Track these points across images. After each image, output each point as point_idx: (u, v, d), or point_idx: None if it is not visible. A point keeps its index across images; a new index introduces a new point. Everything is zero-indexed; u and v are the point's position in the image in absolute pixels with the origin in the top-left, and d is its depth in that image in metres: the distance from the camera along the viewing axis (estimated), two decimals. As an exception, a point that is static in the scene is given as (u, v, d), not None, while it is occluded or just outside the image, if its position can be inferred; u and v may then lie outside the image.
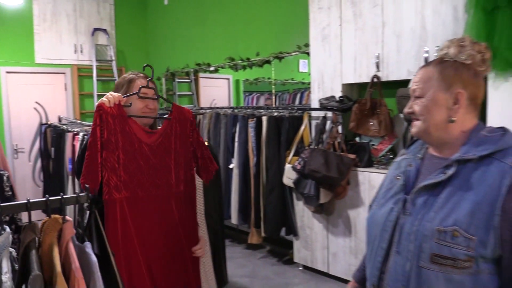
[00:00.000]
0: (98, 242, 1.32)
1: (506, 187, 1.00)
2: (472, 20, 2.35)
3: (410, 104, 1.19)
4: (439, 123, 1.13)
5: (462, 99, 1.11)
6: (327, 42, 3.37)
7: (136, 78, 1.81)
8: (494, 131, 1.11)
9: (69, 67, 5.87)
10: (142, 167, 1.66)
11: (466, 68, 1.12)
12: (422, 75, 1.16)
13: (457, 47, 1.13)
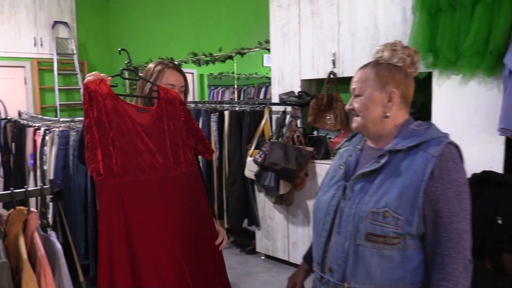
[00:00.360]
0: (61, 232, 1.39)
1: (428, 173, 1.16)
2: (418, 22, 2.52)
3: (350, 101, 1.33)
4: (376, 118, 1.28)
5: (395, 97, 1.26)
6: (286, 39, 3.49)
7: (166, 68, 1.74)
8: (421, 125, 1.26)
9: (29, 60, 5.76)
10: (139, 148, 1.52)
11: (398, 70, 1.27)
12: (361, 75, 1.30)
13: (390, 51, 1.28)
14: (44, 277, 1.18)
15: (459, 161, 1.20)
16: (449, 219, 1.14)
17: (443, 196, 1.15)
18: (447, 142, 1.20)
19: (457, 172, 1.17)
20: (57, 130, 3.10)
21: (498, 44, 2.24)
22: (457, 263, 1.13)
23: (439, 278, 1.14)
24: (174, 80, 1.73)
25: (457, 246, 1.14)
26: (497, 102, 2.34)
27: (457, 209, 1.15)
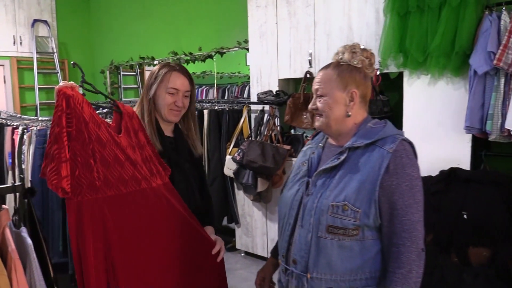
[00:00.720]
0: (32, 228, 1.42)
1: (384, 168, 1.23)
2: (389, 23, 2.60)
3: (313, 101, 1.38)
4: (339, 117, 1.34)
5: (356, 97, 1.33)
6: (264, 39, 3.55)
7: (172, 70, 1.65)
8: (377, 123, 1.34)
9: (8, 59, 5.70)
10: (120, 159, 1.41)
11: (358, 71, 1.34)
12: (322, 76, 1.36)
13: (350, 53, 1.34)
14: (15, 272, 1.21)
15: (413, 156, 1.27)
16: (404, 211, 1.22)
17: (397, 189, 1.22)
18: (401, 139, 1.27)
19: (411, 167, 1.24)
20: (35, 129, 3.11)
21: (464, 46, 2.33)
22: (411, 252, 1.21)
23: (395, 266, 1.22)
24: (178, 84, 1.63)
25: (411, 236, 1.22)
26: (464, 101, 2.43)
27: (411, 201, 1.23)
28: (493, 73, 2.26)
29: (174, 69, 1.65)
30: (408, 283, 1.20)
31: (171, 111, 1.62)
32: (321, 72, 1.38)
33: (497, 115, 2.27)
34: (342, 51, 1.36)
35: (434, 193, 2.39)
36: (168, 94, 1.60)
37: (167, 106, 1.61)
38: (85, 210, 1.31)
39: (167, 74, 1.62)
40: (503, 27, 2.22)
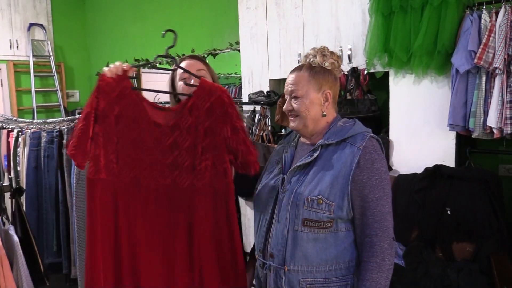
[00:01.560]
0: (21, 226, 1.47)
1: (355, 163, 1.29)
2: (374, 23, 2.64)
3: (288, 103, 1.44)
4: (315, 117, 1.41)
5: (330, 97, 1.42)
6: (255, 40, 3.59)
7: (183, 58, 1.70)
8: (347, 122, 1.41)
9: (5, 63, 5.76)
10: (149, 149, 1.35)
11: (329, 73, 1.42)
12: (297, 78, 1.42)
13: (321, 56, 1.41)
14: (2, 267, 1.26)
15: (381, 152, 1.35)
16: (374, 203, 1.28)
17: (368, 183, 1.29)
18: (370, 136, 1.35)
19: (379, 162, 1.32)
20: (29, 132, 3.16)
21: (446, 45, 2.37)
22: (383, 241, 1.27)
23: (368, 255, 1.28)
24: (184, 66, 1.63)
25: (382, 227, 1.28)
26: (448, 99, 2.47)
27: (381, 194, 1.30)
28: (475, 71, 2.31)
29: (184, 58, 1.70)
30: (382, 271, 1.26)
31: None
32: (294, 74, 1.43)
33: (480, 113, 2.32)
34: (313, 54, 1.42)
35: (419, 190, 2.43)
36: (181, 81, 1.62)
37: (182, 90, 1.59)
38: (97, 189, 1.33)
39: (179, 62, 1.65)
40: (484, 26, 2.27)
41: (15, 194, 1.48)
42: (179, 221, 1.37)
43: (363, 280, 1.26)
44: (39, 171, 3.00)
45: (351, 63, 2.93)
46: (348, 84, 2.89)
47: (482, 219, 2.26)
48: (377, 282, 1.24)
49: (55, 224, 2.93)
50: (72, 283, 2.97)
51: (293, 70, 1.45)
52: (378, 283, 1.24)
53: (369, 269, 1.26)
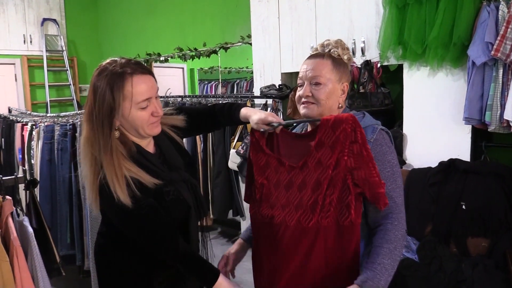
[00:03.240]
0: (36, 217, 1.48)
1: None
2: (388, 15, 2.60)
3: (307, 88, 1.35)
4: (331, 108, 1.37)
5: (346, 89, 1.39)
6: (267, 33, 3.57)
7: (130, 73, 1.23)
8: (356, 114, 1.38)
9: (19, 57, 5.83)
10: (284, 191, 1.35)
11: (346, 66, 1.39)
12: (320, 65, 1.35)
13: (341, 49, 1.38)
14: (17, 258, 1.27)
15: (391, 145, 1.34)
16: (388, 195, 1.27)
17: (380, 175, 1.26)
18: (380, 128, 1.33)
19: (390, 155, 1.31)
20: (42, 125, 3.18)
21: (462, 36, 2.33)
22: (398, 230, 1.27)
23: (382, 241, 1.26)
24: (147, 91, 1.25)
25: (398, 217, 1.28)
26: (463, 92, 2.43)
27: (394, 186, 1.29)
28: (492, 63, 2.26)
29: (129, 72, 1.23)
30: (392, 258, 1.24)
31: (152, 124, 1.30)
32: (315, 60, 1.37)
33: (496, 106, 2.27)
34: (334, 45, 1.39)
35: (433, 184, 2.40)
36: (140, 109, 1.25)
37: (145, 124, 1.27)
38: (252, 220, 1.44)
39: (126, 85, 1.22)
40: (501, 18, 2.22)
41: (29, 186, 1.49)
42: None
43: (373, 263, 1.23)
44: (53, 164, 3.03)
45: (364, 56, 2.90)
46: (361, 77, 2.86)
47: (498, 214, 2.23)
48: (386, 269, 1.22)
49: (69, 216, 2.96)
50: (85, 274, 3.01)
51: (313, 56, 1.39)
52: (387, 269, 1.22)
53: (381, 254, 1.24)
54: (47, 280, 1.41)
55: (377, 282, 1.20)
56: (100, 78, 1.22)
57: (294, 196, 1.31)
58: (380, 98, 2.85)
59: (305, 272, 1.29)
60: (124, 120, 1.26)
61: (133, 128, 1.28)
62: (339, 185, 1.24)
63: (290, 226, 1.30)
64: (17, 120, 4.07)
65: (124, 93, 1.22)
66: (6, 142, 4.35)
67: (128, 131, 1.30)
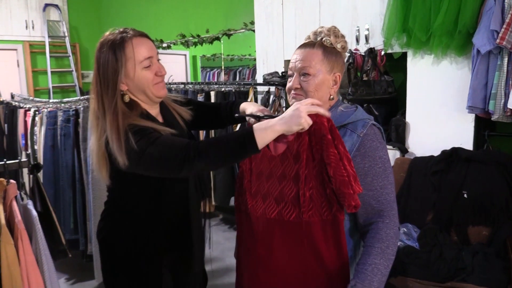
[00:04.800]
0: (40, 201, 1.50)
1: (354, 151, 1.24)
2: (393, 2, 2.57)
3: (295, 80, 1.30)
4: (321, 99, 1.29)
5: (339, 80, 1.33)
6: (270, 20, 3.55)
7: (130, 36, 1.29)
8: (348, 107, 1.34)
9: (21, 43, 5.81)
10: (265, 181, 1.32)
11: (340, 55, 1.33)
12: (309, 55, 1.28)
13: (334, 37, 1.31)
14: (21, 241, 1.28)
15: (382, 140, 1.29)
16: (379, 192, 1.24)
17: (370, 171, 1.24)
18: (371, 123, 1.28)
19: (382, 150, 1.27)
20: (45, 111, 3.19)
21: (467, 24, 2.31)
22: (390, 228, 1.23)
23: (373, 240, 1.23)
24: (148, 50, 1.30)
25: (389, 215, 1.25)
26: (467, 81, 2.42)
27: (385, 182, 1.25)
28: (497, 52, 2.24)
29: (129, 36, 1.29)
30: (385, 258, 1.21)
31: (158, 85, 1.33)
32: (305, 50, 1.30)
33: (500, 95, 2.26)
34: (326, 32, 1.31)
35: (435, 173, 2.41)
36: (144, 69, 1.29)
37: (151, 83, 1.31)
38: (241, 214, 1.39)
39: (126, 47, 1.28)
40: (507, 5, 2.19)
41: (33, 170, 1.50)
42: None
43: (364, 264, 1.20)
44: (56, 149, 3.04)
45: (368, 43, 2.88)
46: (364, 65, 2.84)
47: (499, 203, 2.23)
48: (379, 269, 1.19)
49: (72, 201, 2.98)
50: (88, 259, 3.04)
51: (303, 45, 1.32)
52: (379, 270, 1.19)
53: (372, 254, 1.21)
54: (52, 263, 1.43)
55: (368, 284, 1.17)
56: (102, 49, 1.28)
57: (275, 187, 1.27)
58: (384, 86, 2.84)
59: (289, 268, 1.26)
60: (130, 82, 1.30)
61: (140, 90, 1.31)
62: (319, 179, 1.21)
63: (271, 219, 1.27)
64: (20, 106, 4.07)
65: (126, 54, 1.27)
66: (9, 128, 4.36)
67: (136, 96, 1.33)
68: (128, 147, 1.20)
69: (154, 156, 1.18)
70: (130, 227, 1.39)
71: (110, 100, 1.26)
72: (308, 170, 1.21)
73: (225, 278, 3.09)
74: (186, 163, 1.15)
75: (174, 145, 1.19)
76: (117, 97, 1.27)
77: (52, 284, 1.42)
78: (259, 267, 1.32)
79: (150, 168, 1.21)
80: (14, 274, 1.29)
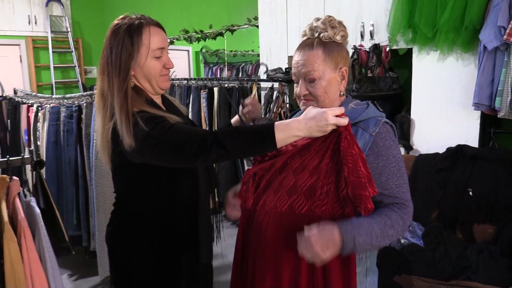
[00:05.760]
0: (43, 198, 1.49)
1: (367, 150, 1.21)
2: (398, -2, 2.55)
3: (303, 87, 1.26)
4: (334, 98, 1.27)
5: (346, 74, 1.28)
6: (274, 15, 3.53)
7: (145, 23, 1.32)
8: (359, 104, 1.30)
9: (23, 38, 5.80)
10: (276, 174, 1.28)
11: (342, 47, 1.26)
12: (310, 58, 1.23)
13: (331, 29, 1.24)
14: (24, 238, 1.28)
15: (395, 139, 1.25)
16: (395, 190, 1.21)
17: (385, 170, 1.21)
18: (384, 121, 1.24)
19: (395, 149, 1.23)
20: (48, 107, 3.18)
21: (474, 20, 2.28)
22: (402, 218, 1.20)
23: (381, 213, 1.19)
24: (161, 41, 1.32)
25: (406, 211, 1.21)
26: (473, 78, 2.39)
27: (400, 181, 1.22)
28: (504, 48, 2.22)
29: (144, 22, 1.33)
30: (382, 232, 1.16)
31: (163, 77, 1.35)
32: (305, 53, 1.25)
33: (507, 92, 2.24)
34: (322, 27, 1.25)
35: (440, 170, 2.39)
36: (155, 58, 1.31)
37: (158, 74, 1.33)
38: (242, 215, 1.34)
39: (144, 33, 1.30)
40: (515, 1, 2.17)
41: (36, 167, 1.49)
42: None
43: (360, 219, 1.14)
44: (59, 145, 3.04)
45: (373, 39, 2.86)
46: (369, 61, 2.82)
47: (505, 200, 2.21)
48: (371, 235, 1.13)
49: (75, 198, 2.98)
50: (91, 255, 3.03)
51: (302, 47, 1.26)
52: (371, 236, 1.13)
53: (374, 219, 1.15)
54: (55, 260, 1.42)
55: (356, 234, 1.11)
56: (118, 30, 1.29)
57: (288, 180, 1.23)
58: (388, 83, 2.81)
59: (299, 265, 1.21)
60: (139, 69, 1.31)
61: (147, 79, 1.33)
62: (338, 176, 1.17)
63: (282, 212, 1.23)
64: (22, 102, 4.06)
65: (143, 40, 1.28)
66: (12, 124, 4.35)
67: (141, 83, 1.34)
68: (139, 132, 1.19)
69: (171, 143, 1.17)
70: (139, 229, 1.38)
71: (121, 82, 1.27)
72: (331, 164, 1.18)
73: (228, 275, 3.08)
74: (203, 152, 1.13)
75: (191, 133, 1.17)
76: (128, 80, 1.28)
77: (55, 281, 1.41)
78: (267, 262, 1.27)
79: (165, 156, 1.19)
80: (17, 271, 1.29)
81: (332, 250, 1.11)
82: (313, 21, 1.28)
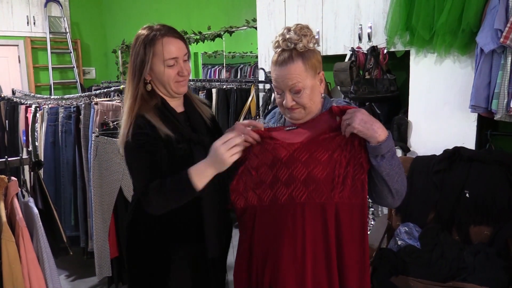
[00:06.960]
0: (41, 198, 1.49)
1: None
2: (396, 1, 2.56)
3: (289, 98, 1.29)
4: (318, 102, 1.35)
5: (323, 77, 1.36)
6: (272, 17, 3.54)
7: (159, 36, 1.40)
8: (338, 101, 1.38)
9: (22, 39, 5.80)
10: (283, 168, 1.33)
11: (315, 52, 1.32)
12: (293, 71, 1.27)
13: (304, 38, 1.27)
14: (22, 238, 1.28)
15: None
16: None
17: None
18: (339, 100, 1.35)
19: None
20: (46, 107, 3.18)
21: (470, 23, 2.29)
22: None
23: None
24: (175, 51, 1.41)
25: None
26: (470, 80, 2.40)
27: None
28: (500, 51, 2.23)
29: (161, 34, 1.40)
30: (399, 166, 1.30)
31: (178, 83, 1.44)
32: (286, 67, 1.27)
33: (503, 94, 2.25)
34: (295, 38, 1.27)
35: (437, 172, 2.40)
36: (168, 67, 1.40)
37: (172, 81, 1.43)
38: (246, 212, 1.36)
39: (157, 44, 1.39)
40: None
41: (34, 167, 1.50)
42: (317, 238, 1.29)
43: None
44: (57, 146, 3.04)
45: (371, 41, 2.87)
46: (367, 63, 2.83)
47: (501, 202, 2.23)
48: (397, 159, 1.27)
49: (73, 198, 2.98)
50: (89, 256, 3.04)
51: (282, 62, 1.28)
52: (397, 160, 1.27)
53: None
54: (53, 261, 1.42)
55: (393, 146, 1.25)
56: (137, 42, 1.42)
57: (299, 171, 1.28)
58: (386, 85, 2.83)
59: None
60: (154, 75, 1.44)
61: (161, 83, 1.45)
62: (354, 162, 1.27)
63: (299, 203, 1.27)
64: (21, 102, 4.06)
65: (155, 50, 1.40)
66: (10, 124, 4.35)
67: (158, 87, 1.47)
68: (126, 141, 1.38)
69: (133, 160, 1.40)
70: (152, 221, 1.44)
71: (134, 87, 1.43)
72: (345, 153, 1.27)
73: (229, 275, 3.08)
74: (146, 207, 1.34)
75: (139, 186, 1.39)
76: (140, 86, 1.42)
77: (53, 281, 1.41)
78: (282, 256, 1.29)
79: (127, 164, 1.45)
80: (15, 272, 1.29)
81: (384, 131, 1.22)
82: (284, 31, 1.31)
